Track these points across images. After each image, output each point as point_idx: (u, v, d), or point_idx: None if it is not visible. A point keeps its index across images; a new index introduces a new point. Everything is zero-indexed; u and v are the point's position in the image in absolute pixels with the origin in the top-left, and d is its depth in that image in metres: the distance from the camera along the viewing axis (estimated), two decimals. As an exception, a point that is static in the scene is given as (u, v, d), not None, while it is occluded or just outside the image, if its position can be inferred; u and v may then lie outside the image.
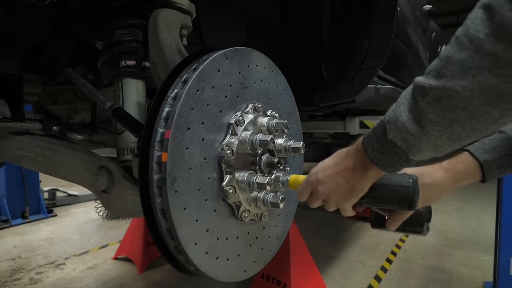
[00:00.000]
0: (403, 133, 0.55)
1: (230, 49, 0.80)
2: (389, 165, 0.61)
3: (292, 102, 1.07)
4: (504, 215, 2.06)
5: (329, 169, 0.72)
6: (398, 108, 0.56)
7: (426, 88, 0.50)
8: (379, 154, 0.61)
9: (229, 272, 0.79)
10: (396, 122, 0.56)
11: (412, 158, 0.58)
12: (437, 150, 0.55)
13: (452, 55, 0.46)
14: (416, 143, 0.54)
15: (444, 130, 0.51)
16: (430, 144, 0.54)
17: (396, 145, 0.58)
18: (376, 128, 0.63)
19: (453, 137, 0.51)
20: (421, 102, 0.51)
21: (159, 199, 0.65)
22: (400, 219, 0.77)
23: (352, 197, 0.70)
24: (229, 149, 0.75)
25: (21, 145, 0.94)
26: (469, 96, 0.45)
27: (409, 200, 0.68)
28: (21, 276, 2.63)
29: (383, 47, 1.36)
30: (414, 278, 2.54)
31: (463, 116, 0.48)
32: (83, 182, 0.95)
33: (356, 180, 0.68)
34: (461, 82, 0.45)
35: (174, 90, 0.69)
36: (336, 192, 0.71)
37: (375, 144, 0.61)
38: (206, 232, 0.72)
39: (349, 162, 0.68)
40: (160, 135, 0.65)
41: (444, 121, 0.50)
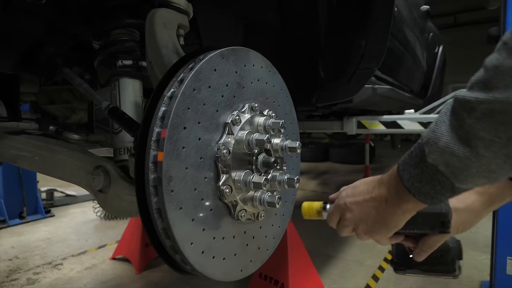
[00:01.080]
0: (447, 155, 0.47)
1: (227, 48, 0.80)
2: (429, 195, 0.52)
3: (289, 102, 1.07)
4: (500, 215, 2.07)
5: (360, 195, 0.65)
6: (439, 128, 0.48)
7: (472, 102, 0.43)
8: (418, 183, 0.52)
9: (225, 272, 0.79)
10: (437, 142, 0.48)
11: (458, 187, 0.49)
12: (490, 177, 0.46)
13: (502, 64, 0.41)
14: (464, 167, 0.46)
15: (499, 151, 0.43)
16: (481, 169, 0.45)
17: (438, 171, 0.49)
18: (412, 151, 0.54)
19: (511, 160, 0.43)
20: (467, 118, 0.44)
21: (155, 198, 0.65)
22: (430, 248, 0.68)
23: (383, 231, 0.62)
24: (225, 148, 0.76)
25: (18, 144, 0.94)
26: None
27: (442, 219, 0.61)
28: (19, 277, 2.63)
29: (380, 47, 1.37)
30: (411, 278, 2.53)
31: None
32: (80, 181, 0.95)
33: (388, 214, 0.59)
34: None
35: (170, 90, 0.70)
36: (364, 223, 0.64)
37: (412, 170, 0.53)
38: (202, 231, 0.72)
39: (381, 191, 0.60)
40: (156, 135, 0.66)
41: (499, 140, 0.42)
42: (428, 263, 0.70)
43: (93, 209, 4.17)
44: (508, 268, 2.03)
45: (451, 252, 0.72)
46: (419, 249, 0.69)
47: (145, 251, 2.77)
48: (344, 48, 1.45)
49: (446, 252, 0.72)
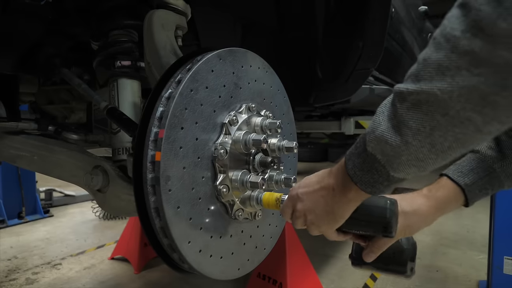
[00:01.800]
0: (382, 143, 0.49)
1: (224, 49, 0.81)
2: (369, 184, 0.54)
3: (286, 102, 1.08)
4: (497, 214, 2.08)
5: (310, 186, 0.65)
6: (378, 117, 0.52)
7: (404, 93, 0.46)
8: (359, 171, 0.54)
9: (223, 270, 0.80)
10: (374, 131, 0.51)
11: (393, 175, 0.52)
12: (420, 166, 0.49)
13: (429, 57, 0.43)
14: (396, 155, 0.49)
15: (424, 140, 0.45)
16: (411, 158, 0.48)
17: (376, 159, 0.52)
18: (358, 141, 0.57)
19: (435, 149, 0.46)
20: (399, 108, 0.46)
21: (153, 197, 0.66)
22: (378, 249, 0.69)
23: (331, 221, 0.63)
24: (222, 148, 0.76)
25: (17, 144, 0.95)
26: (449, 99, 0.41)
27: (384, 224, 0.61)
28: (17, 277, 2.63)
29: (377, 48, 1.38)
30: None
31: (444, 123, 0.43)
32: (79, 181, 0.95)
33: (335, 203, 0.61)
34: (439, 84, 0.42)
35: (168, 90, 0.70)
36: (313, 213, 0.64)
37: (356, 159, 0.55)
38: (199, 230, 0.73)
39: (330, 180, 0.61)
40: (154, 135, 0.66)
41: (424, 129, 0.45)
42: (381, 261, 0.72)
43: (92, 209, 4.17)
44: (505, 268, 2.04)
45: (404, 253, 0.73)
46: (369, 250, 0.70)
47: (143, 251, 2.77)
48: (341, 48, 1.46)
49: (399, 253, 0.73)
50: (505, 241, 2.06)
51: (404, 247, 0.74)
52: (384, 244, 0.69)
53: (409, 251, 0.74)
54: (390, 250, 0.72)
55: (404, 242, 0.75)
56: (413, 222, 0.70)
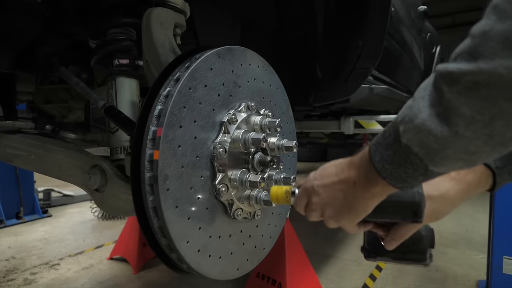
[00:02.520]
0: (423, 134, 0.42)
1: (223, 48, 0.80)
2: (400, 179, 0.48)
3: (285, 101, 1.08)
4: (497, 214, 2.08)
5: (327, 178, 0.60)
6: (416, 103, 0.44)
7: (454, 74, 0.38)
8: (389, 165, 0.47)
9: (221, 270, 0.79)
10: (413, 120, 0.43)
11: (432, 169, 0.45)
12: (468, 160, 0.42)
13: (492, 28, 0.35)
14: (441, 148, 0.41)
15: (480, 131, 0.38)
16: (459, 150, 0.40)
17: (411, 152, 0.44)
18: (386, 131, 0.49)
19: (493, 140, 0.38)
20: (448, 92, 0.39)
21: (151, 197, 0.65)
22: (401, 237, 0.65)
23: (351, 216, 0.58)
24: (221, 147, 0.76)
25: (14, 144, 0.94)
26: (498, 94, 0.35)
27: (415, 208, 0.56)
28: (15, 277, 2.61)
29: (376, 47, 1.37)
30: (409, 277, 2.55)
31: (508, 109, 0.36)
32: (76, 181, 0.95)
33: (356, 198, 0.55)
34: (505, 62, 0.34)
35: (166, 88, 0.70)
36: (332, 208, 0.59)
37: (384, 151, 0.48)
38: (198, 230, 0.72)
39: (350, 173, 0.55)
40: (152, 133, 0.66)
41: (482, 117, 0.37)
42: (399, 251, 0.67)
43: (91, 209, 4.16)
44: (505, 267, 2.04)
45: (423, 240, 0.70)
46: (390, 238, 0.65)
47: (142, 251, 2.76)
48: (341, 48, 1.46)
49: (418, 241, 0.69)
50: (504, 240, 2.05)
51: (423, 234, 0.70)
52: (408, 231, 0.64)
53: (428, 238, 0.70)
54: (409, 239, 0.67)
55: (422, 229, 0.71)
56: (440, 207, 0.64)
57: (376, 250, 0.69)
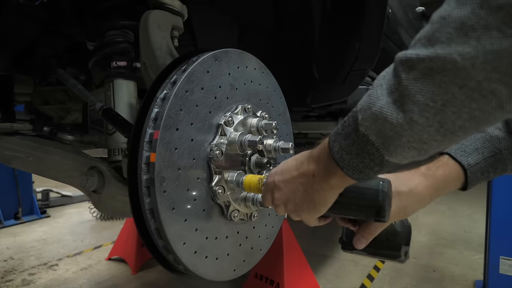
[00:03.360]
0: (379, 122, 0.42)
1: (220, 50, 0.80)
2: (357, 169, 0.47)
3: (282, 103, 1.08)
4: (494, 215, 2.09)
5: (288, 173, 0.59)
6: (374, 91, 0.44)
7: (412, 60, 0.38)
8: (347, 155, 0.47)
9: (218, 271, 0.80)
10: (371, 107, 0.43)
11: (387, 159, 0.45)
12: (421, 149, 0.42)
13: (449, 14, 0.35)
14: (395, 136, 0.42)
15: (433, 118, 0.38)
16: (412, 139, 0.41)
17: (368, 141, 0.44)
18: (346, 120, 0.49)
19: (443, 129, 0.39)
20: (405, 79, 0.39)
21: (147, 199, 0.66)
22: (370, 235, 0.64)
23: (311, 211, 0.57)
24: (218, 149, 0.76)
25: (12, 145, 0.94)
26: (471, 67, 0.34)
27: (377, 207, 0.55)
28: (13, 278, 2.61)
29: (373, 49, 1.38)
30: (406, 277, 2.56)
31: (460, 96, 0.36)
32: (74, 182, 0.95)
33: (316, 190, 0.54)
34: (460, 49, 0.34)
35: (163, 91, 0.70)
36: (292, 202, 0.59)
37: (343, 141, 0.48)
38: (195, 231, 0.73)
39: (310, 166, 0.55)
40: (149, 136, 0.66)
41: (434, 104, 0.37)
42: (373, 246, 0.66)
43: (89, 209, 4.16)
44: (501, 267, 2.05)
45: (398, 236, 0.68)
46: (360, 236, 0.64)
47: (141, 252, 2.77)
48: (338, 49, 1.46)
49: (392, 237, 0.67)
50: (501, 241, 2.07)
51: (398, 230, 0.69)
52: (376, 229, 0.63)
53: (403, 234, 0.69)
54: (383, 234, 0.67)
55: (398, 225, 0.70)
56: (409, 203, 0.63)
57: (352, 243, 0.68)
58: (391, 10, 1.88)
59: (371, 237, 0.64)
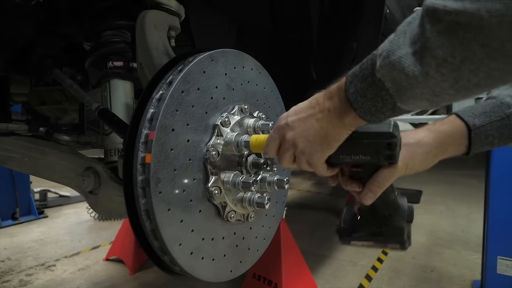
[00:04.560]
0: (396, 71, 0.43)
1: (216, 51, 0.80)
2: (369, 112, 0.49)
3: (280, 103, 1.08)
4: (491, 215, 2.10)
5: (302, 112, 0.59)
6: (397, 38, 0.44)
7: (439, 12, 0.37)
8: (361, 98, 0.49)
9: (215, 273, 0.80)
10: (390, 55, 0.43)
11: (399, 106, 0.47)
12: (433, 101, 0.43)
13: None
14: (410, 86, 0.43)
15: (449, 74, 0.39)
16: (426, 91, 0.42)
17: (383, 87, 0.46)
18: (364, 63, 0.50)
19: (458, 85, 0.39)
20: (429, 30, 0.38)
21: (143, 200, 0.66)
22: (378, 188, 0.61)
23: (324, 146, 0.57)
24: (214, 150, 0.76)
25: (7, 146, 0.94)
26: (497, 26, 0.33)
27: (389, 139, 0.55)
28: (11, 278, 2.60)
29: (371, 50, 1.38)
30: (404, 277, 2.57)
31: (480, 54, 0.36)
32: (70, 183, 0.95)
33: (330, 125, 0.55)
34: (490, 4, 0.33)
35: (159, 92, 0.70)
36: (305, 140, 0.58)
37: (359, 84, 0.49)
38: (191, 232, 0.73)
39: (326, 102, 0.56)
40: (145, 136, 0.66)
41: (453, 60, 0.37)
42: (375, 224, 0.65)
43: (87, 210, 4.14)
44: (499, 267, 2.06)
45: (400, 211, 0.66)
46: (367, 189, 0.62)
47: (138, 252, 2.76)
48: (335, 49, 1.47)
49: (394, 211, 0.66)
50: (498, 241, 2.07)
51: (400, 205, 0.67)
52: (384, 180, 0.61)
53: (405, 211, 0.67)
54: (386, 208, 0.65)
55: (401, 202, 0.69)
56: (416, 154, 0.64)
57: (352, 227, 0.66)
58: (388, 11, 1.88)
59: (380, 191, 0.61)
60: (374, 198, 0.62)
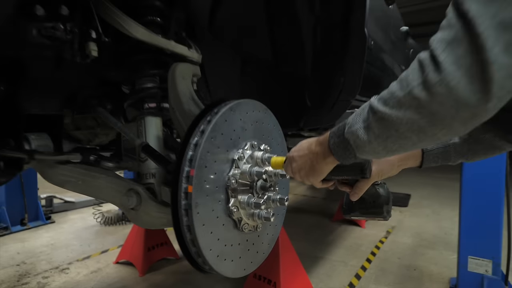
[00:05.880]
0: (354, 136, 0.68)
1: (234, 103, 1.06)
2: (342, 157, 0.75)
3: (280, 134, 1.34)
4: (463, 218, 2.33)
5: (302, 151, 0.88)
6: (356, 117, 0.70)
7: (375, 110, 0.63)
8: (337, 147, 0.75)
9: (233, 270, 1.05)
10: (351, 126, 0.69)
11: (358, 156, 0.72)
12: (375, 156, 0.70)
13: (395, 92, 0.60)
14: (362, 146, 0.68)
15: (381, 143, 0.64)
16: (370, 150, 0.68)
17: (348, 144, 0.71)
18: (340, 126, 0.76)
19: (386, 149, 0.65)
20: (371, 118, 0.64)
21: (185, 218, 0.91)
22: (360, 190, 0.94)
23: (315, 175, 0.86)
24: (233, 178, 1.02)
25: (65, 172, 1.17)
26: (399, 123, 0.59)
27: (360, 167, 0.84)
28: (29, 281, 2.79)
29: (355, 83, 1.65)
30: (390, 276, 2.82)
31: (395, 135, 0.61)
32: (115, 201, 1.19)
33: (318, 164, 0.83)
34: (396, 113, 0.59)
35: (195, 138, 0.95)
36: (303, 170, 0.87)
37: (336, 139, 0.75)
38: (217, 240, 0.98)
39: (316, 148, 0.83)
40: (186, 172, 0.91)
41: (382, 136, 0.63)
42: (364, 207, 0.98)
43: (93, 215, 4.34)
44: (469, 266, 2.31)
45: (381, 198, 0.98)
46: (353, 192, 0.94)
47: (147, 255, 2.97)
48: (327, 82, 1.73)
49: (377, 198, 0.98)
50: (469, 242, 2.30)
51: (381, 194, 0.99)
52: (363, 186, 0.93)
53: (385, 197, 0.99)
54: (371, 198, 0.97)
55: (381, 191, 1.00)
56: (384, 167, 0.96)
57: (350, 208, 1.00)
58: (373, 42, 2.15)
59: (361, 192, 0.94)
60: (359, 196, 0.95)
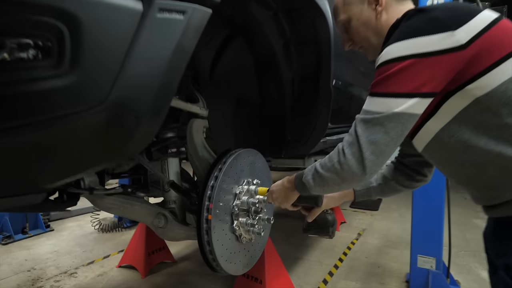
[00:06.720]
0: (307, 182, 1.02)
1: (237, 153, 1.53)
2: (302, 191, 1.10)
3: (267, 169, 1.81)
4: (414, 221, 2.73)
5: (278, 186, 1.23)
6: (310, 171, 1.02)
7: (317, 170, 0.97)
8: (298, 185, 1.09)
9: (235, 270, 1.52)
10: (306, 176, 1.03)
11: (312, 192, 1.04)
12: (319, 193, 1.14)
13: (327, 163, 0.93)
14: (312, 188, 1.01)
15: (320, 188, 0.99)
16: (315, 190, 1.02)
17: (305, 184, 1.03)
18: (302, 172, 1.08)
19: (323, 191, 1.01)
20: (315, 174, 0.98)
21: (206, 236, 1.37)
22: (314, 215, 1.31)
23: (287, 202, 1.21)
24: (236, 207, 1.49)
25: (111, 201, 1.59)
26: (328, 179, 0.93)
27: (315, 198, 1.22)
28: (43, 285, 3.05)
29: (323, 125, 2.14)
30: (358, 272, 3.22)
31: (326, 184, 0.95)
32: (147, 222, 1.63)
33: (288, 194, 1.18)
34: (326, 174, 0.93)
35: (211, 181, 1.41)
36: (279, 198, 1.23)
37: (298, 180, 1.09)
38: (226, 250, 1.45)
39: (287, 184, 1.17)
40: (207, 205, 1.37)
41: (320, 184, 0.97)
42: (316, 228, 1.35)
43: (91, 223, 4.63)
44: (419, 263, 2.74)
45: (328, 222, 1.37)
46: (310, 215, 1.31)
47: (148, 259, 3.33)
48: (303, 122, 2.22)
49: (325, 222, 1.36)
50: (418, 242, 2.71)
51: (329, 219, 1.37)
52: (316, 212, 1.31)
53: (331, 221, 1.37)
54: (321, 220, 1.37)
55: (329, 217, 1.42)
56: (329, 201, 1.32)
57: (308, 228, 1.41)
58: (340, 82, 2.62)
59: (314, 216, 1.32)
60: (313, 218, 1.33)
